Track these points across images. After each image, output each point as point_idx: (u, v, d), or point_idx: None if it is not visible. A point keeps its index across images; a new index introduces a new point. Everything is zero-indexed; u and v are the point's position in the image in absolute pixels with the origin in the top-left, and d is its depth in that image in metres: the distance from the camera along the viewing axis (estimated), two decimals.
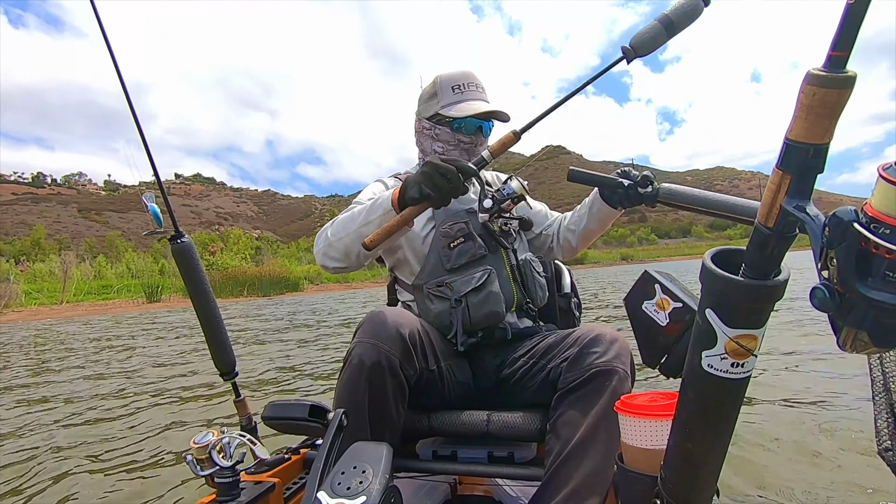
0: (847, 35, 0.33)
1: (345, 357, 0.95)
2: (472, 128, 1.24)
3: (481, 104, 1.23)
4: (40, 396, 3.51)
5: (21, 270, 24.72)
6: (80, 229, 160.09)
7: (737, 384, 0.47)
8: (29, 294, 20.30)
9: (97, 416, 2.91)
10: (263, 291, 20.57)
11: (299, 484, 1.11)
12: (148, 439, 2.44)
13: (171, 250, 1.08)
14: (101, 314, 14.27)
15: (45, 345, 6.90)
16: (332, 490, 0.66)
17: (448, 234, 1.18)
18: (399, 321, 0.95)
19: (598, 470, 0.87)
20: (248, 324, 8.37)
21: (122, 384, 3.78)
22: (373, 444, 0.75)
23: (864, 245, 0.35)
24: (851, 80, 0.34)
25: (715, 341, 0.46)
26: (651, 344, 0.78)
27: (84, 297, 21.40)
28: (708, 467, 0.54)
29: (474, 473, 1.06)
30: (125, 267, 27.47)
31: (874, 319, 0.36)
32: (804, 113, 0.36)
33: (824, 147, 0.37)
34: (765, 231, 0.41)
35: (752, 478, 1.72)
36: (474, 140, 1.26)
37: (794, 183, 0.39)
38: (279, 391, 3.36)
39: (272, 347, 5.40)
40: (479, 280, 1.12)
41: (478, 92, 1.25)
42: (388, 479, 0.69)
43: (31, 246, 57.52)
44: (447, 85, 1.25)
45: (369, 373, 0.90)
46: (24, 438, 2.54)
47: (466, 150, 1.26)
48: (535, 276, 1.23)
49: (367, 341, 0.91)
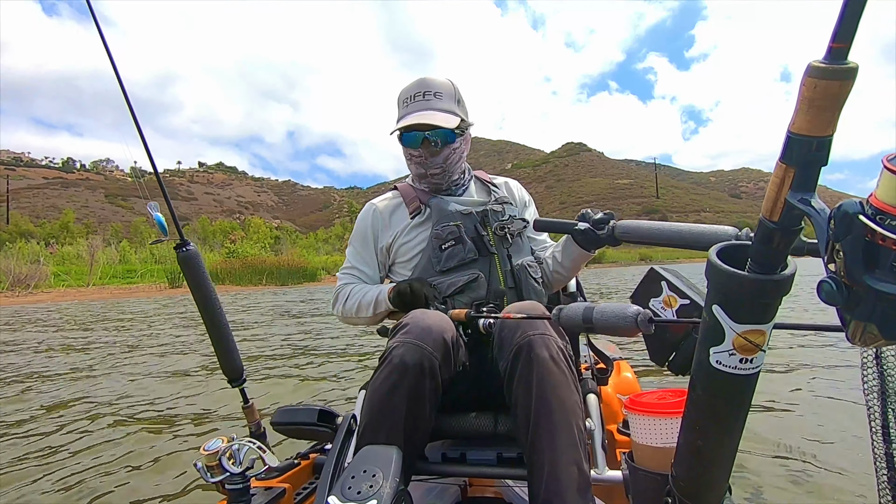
0: (847, 27, 0.33)
1: (382, 356, 0.94)
2: (415, 141, 1.22)
3: (416, 116, 1.18)
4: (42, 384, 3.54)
5: (51, 253, 25.78)
6: (107, 214, 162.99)
7: (746, 380, 0.47)
8: (57, 276, 21.16)
9: (108, 416, 2.93)
10: (281, 280, 20.92)
11: (310, 489, 1.11)
12: (157, 444, 2.45)
13: (176, 258, 1.08)
14: (126, 298, 14.48)
15: (80, 327, 6.95)
16: (343, 494, 0.66)
17: (440, 235, 1.19)
18: (441, 325, 0.96)
19: (569, 442, 0.86)
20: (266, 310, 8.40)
21: (135, 379, 3.81)
22: (383, 448, 0.75)
23: (870, 237, 0.35)
24: (853, 72, 0.34)
25: (723, 337, 0.46)
26: (658, 341, 0.77)
27: (109, 280, 22.28)
28: (719, 465, 0.54)
29: (484, 475, 1.06)
30: (149, 252, 28.23)
31: (882, 311, 0.36)
32: (806, 105, 0.36)
33: (827, 139, 0.37)
34: (770, 225, 0.41)
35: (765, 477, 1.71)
36: (423, 153, 1.23)
37: (797, 176, 0.39)
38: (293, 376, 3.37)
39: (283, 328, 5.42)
40: (463, 283, 1.15)
41: (423, 101, 1.20)
42: (398, 482, 0.69)
43: (60, 229, 58.43)
44: (400, 99, 1.24)
45: (411, 373, 0.90)
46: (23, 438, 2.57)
47: (419, 164, 1.25)
48: (529, 280, 1.22)
49: (412, 342, 0.91)
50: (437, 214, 1.23)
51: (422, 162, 1.24)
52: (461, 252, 1.18)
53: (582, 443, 0.88)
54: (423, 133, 1.20)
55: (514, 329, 0.95)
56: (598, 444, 1.06)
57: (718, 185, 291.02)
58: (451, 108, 1.22)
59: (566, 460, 0.85)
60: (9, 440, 2.61)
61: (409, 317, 0.98)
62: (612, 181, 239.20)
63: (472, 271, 1.17)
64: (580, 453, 0.87)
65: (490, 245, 1.21)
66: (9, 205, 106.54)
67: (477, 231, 1.21)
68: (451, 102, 1.22)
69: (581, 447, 0.87)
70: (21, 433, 2.71)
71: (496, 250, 1.21)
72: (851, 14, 0.32)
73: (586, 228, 1.08)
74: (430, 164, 1.23)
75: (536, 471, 0.87)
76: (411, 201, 1.28)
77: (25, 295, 17.80)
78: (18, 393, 3.65)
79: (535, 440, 0.88)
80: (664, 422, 0.72)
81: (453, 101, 1.23)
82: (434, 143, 1.21)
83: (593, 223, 1.07)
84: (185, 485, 1.97)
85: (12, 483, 2.03)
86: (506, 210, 1.29)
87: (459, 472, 1.07)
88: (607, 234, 1.04)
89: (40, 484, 2.03)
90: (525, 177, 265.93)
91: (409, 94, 1.22)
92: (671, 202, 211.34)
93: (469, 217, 1.23)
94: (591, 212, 1.11)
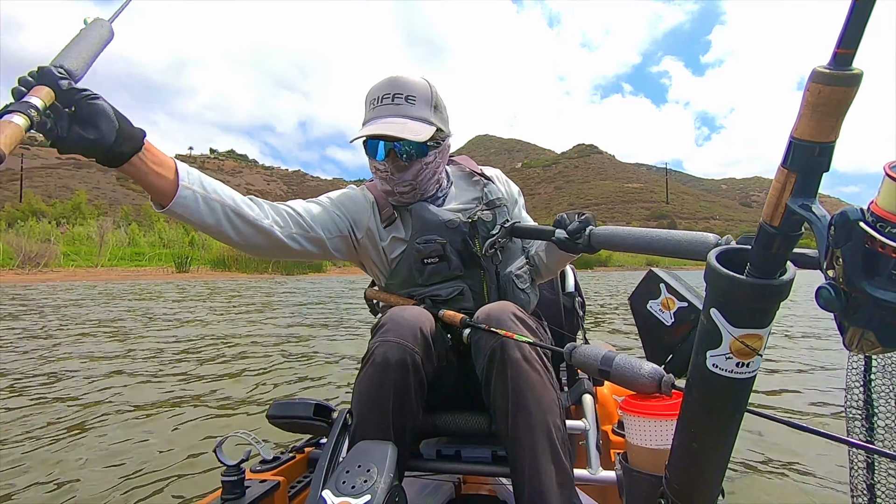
0: (853, 32, 0.33)
1: (365, 356, 0.94)
2: (380, 152, 1.05)
3: (383, 123, 1.01)
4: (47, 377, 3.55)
5: (62, 232, 26.15)
6: (118, 196, 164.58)
7: (742, 384, 0.47)
8: (67, 256, 21.57)
9: (108, 406, 2.93)
10: (287, 270, 21.12)
11: (304, 482, 1.11)
12: (154, 435, 2.46)
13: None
14: (134, 280, 14.64)
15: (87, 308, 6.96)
16: (337, 489, 0.67)
17: (421, 251, 1.08)
18: (419, 318, 0.95)
19: (548, 440, 0.87)
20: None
21: (132, 368, 3.81)
22: (378, 443, 0.75)
23: (869, 244, 0.35)
24: (857, 78, 0.34)
25: (720, 341, 0.46)
26: (656, 343, 0.78)
27: (118, 262, 22.73)
28: (713, 468, 0.54)
29: (478, 473, 1.06)
30: (157, 236, 28.64)
31: (881, 319, 0.36)
32: (810, 111, 0.36)
33: (830, 145, 0.37)
34: (770, 230, 0.41)
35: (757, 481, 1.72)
36: (389, 167, 1.05)
37: (799, 182, 0.39)
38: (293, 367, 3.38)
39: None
40: (448, 295, 1.09)
41: (392, 106, 1.02)
42: (392, 478, 0.69)
43: (71, 209, 58.65)
44: (368, 99, 1.06)
45: (394, 370, 0.90)
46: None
47: (385, 179, 1.08)
48: (516, 291, 1.15)
49: (392, 340, 0.91)
50: (418, 225, 1.10)
51: (387, 178, 1.07)
52: (445, 269, 1.09)
53: (560, 439, 0.89)
54: (390, 144, 1.04)
55: (488, 332, 0.94)
56: (592, 444, 1.06)
57: (729, 193, 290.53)
58: (424, 115, 1.04)
59: (546, 459, 0.86)
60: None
61: (387, 315, 0.97)
62: (622, 184, 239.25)
63: (457, 284, 1.10)
64: (559, 450, 0.88)
65: (478, 258, 1.11)
66: (22, 183, 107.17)
67: (465, 244, 1.10)
68: (425, 109, 1.05)
69: (560, 444, 0.88)
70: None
71: (485, 265, 1.12)
72: (857, 20, 0.32)
73: (563, 238, 1.02)
74: (397, 181, 1.07)
75: (518, 471, 0.88)
76: (384, 206, 1.13)
77: (35, 273, 18.02)
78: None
79: (514, 439, 0.89)
80: (659, 423, 0.72)
81: (428, 106, 1.05)
82: (402, 156, 1.04)
83: (569, 233, 1.00)
84: (179, 474, 1.98)
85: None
86: (496, 217, 1.15)
87: (454, 469, 1.07)
88: (584, 243, 1.00)
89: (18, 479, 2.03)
90: (534, 177, 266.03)
91: (377, 96, 1.04)
92: (680, 208, 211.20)
93: (455, 231, 1.09)
94: (567, 217, 1.03)
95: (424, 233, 1.09)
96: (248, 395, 3.23)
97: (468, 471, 1.09)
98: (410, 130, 1.00)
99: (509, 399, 0.90)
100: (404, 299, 1.11)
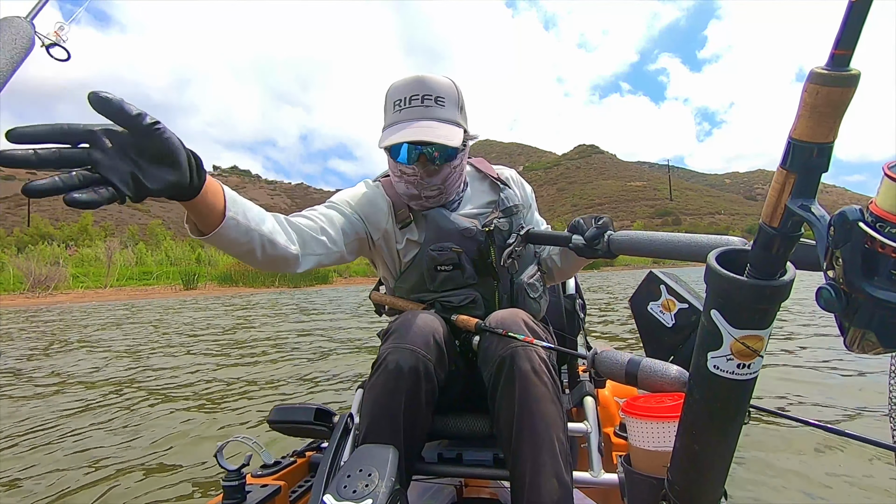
0: (850, 33, 0.33)
1: (376, 361, 0.93)
2: (411, 157, 1.01)
3: (416, 129, 0.96)
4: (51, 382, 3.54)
5: (70, 255, 26.63)
6: (124, 217, 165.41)
7: (743, 385, 0.47)
8: (76, 277, 21.90)
9: (107, 409, 2.93)
10: (294, 282, 21.19)
11: (305, 487, 1.11)
12: (154, 440, 2.45)
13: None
14: (142, 298, 14.75)
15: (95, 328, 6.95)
16: (339, 493, 0.66)
17: (435, 258, 1.06)
18: (432, 325, 0.95)
19: (550, 454, 0.86)
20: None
21: (134, 380, 3.81)
22: (379, 447, 0.75)
23: (869, 244, 0.35)
24: (855, 79, 0.34)
25: (721, 342, 0.46)
26: (657, 345, 0.78)
27: (126, 281, 23.09)
28: (715, 469, 0.54)
29: (480, 476, 1.06)
30: (164, 255, 29.11)
31: (881, 319, 0.36)
32: (808, 112, 0.36)
33: (828, 146, 0.37)
34: (769, 231, 0.41)
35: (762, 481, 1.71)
36: (419, 171, 1.01)
37: (798, 182, 0.39)
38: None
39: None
40: (460, 302, 1.08)
41: (422, 108, 0.98)
42: (394, 482, 0.69)
43: (79, 231, 59.12)
44: (390, 100, 1.01)
45: (407, 378, 0.89)
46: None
47: (412, 183, 1.04)
48: (527, 300, 1.14)
49: (404, 346, 0.90)
50: (434, 231, 1.08)
51: (415, 182, 1.03)
52: (459, 277, 1.07)
53: (563, 454, 0.88)
54: (421, 148, 1.00)
55: (497, 340, 0.93)
56: (594, 446, 1.06)
57: (733, 188, 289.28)
58: (454, 117, 1.01)
59: (547, 472, 0.85)
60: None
61: (399, 321, 0.96)
62: (625, 183, 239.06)
63: (469, 292, 1.08)
64: (561, 465, 0.86)
65: (493, 267, 1.09)
66: (30, 208, 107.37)
67: (480, 253, 1.08)
68: (454, 110, 1.01)
69: (562, 458, 0.87)
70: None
71: (499, 275, 1.10)
72: (854, 21, 0.32)
73: (581, 245, 0.98)
74: (427, 185, 1.03)
75: (518, 482, 0.87)
76: (399, 207, 1.10)
77: (45, 296, 18.18)
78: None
79: (516, 451, 0.88)
80: (661, 425, 0.72)
81: (456, 107, 1.02)
82: (433, 160, 1.01)
83: (587, 239, 0.97)
84: (180, 479, 1.97)
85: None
86: (513, 224, 1.12)
87: (455, 473, 1.07)
88: (603, 250, 0.96)
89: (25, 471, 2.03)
90: (537, 179, 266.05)
91: (404, 96, 0.98)
92: (685, 204, 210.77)
93: (472, 240, 1.07)
94: (584, 223, 0.98)
95: (440, 240, 1.07)
96: (248, 400, 3.22)
97: (470, 474, 1.09)
98: (445, 136, 0.96)
99: (515, 412, 0.89)
100: (414, 304, 1.11)
